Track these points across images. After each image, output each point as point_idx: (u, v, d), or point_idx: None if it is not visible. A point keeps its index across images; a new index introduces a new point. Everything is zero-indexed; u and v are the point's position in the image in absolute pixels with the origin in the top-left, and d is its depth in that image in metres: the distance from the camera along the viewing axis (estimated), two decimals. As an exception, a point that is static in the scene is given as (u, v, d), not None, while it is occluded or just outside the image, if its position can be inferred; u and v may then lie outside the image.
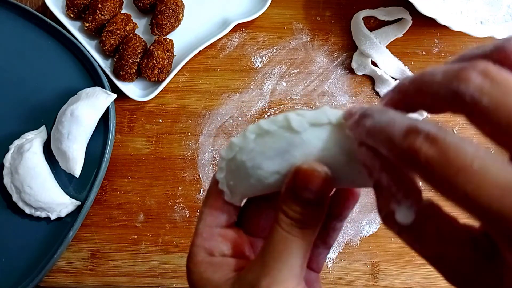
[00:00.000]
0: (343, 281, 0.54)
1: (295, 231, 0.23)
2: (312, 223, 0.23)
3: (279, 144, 0.23)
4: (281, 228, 0.23)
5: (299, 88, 0.60)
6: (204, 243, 0.26)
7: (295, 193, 0.22)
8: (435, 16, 0.54)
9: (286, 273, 0.22)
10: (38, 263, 0.52)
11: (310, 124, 0.23)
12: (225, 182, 0.26)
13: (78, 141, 0.53)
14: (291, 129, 0.23)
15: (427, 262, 0.19)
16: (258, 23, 0.62)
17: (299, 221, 0.23)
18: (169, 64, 0.57)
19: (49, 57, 0.59)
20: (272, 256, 0.23)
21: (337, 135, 0.23)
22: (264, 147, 0.24)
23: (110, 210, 0.56)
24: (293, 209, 0.23)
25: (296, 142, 0.23)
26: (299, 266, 0.23)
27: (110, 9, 0.58)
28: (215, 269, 0.25)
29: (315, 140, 0.23)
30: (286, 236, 0.23)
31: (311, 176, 0.22)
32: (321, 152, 0.23)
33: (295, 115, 0.23)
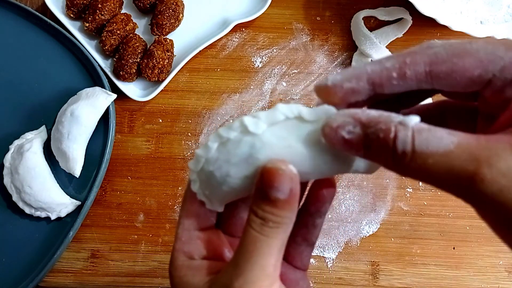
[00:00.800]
0: (343, 281, 0.54)
1: (266, 230, 0.23)
2: (282, 222, 0.23)
3: (242, 150, 0.24)
4: (251, 229, 0.23)
5: (299, 88, 0.60)
6: (183, 246, 0.26)
7: (264, 193, 0.23)
8: (435, 16, 0.54)
9: (258, 273, 0.22)
10: (38, 263, 0.52)
11: (267, 124, 0.23)
12: (201, 192, 0.26)
13: (78, 141, 0.53)
14: (249, 133, 0.23)
15: None
16: (258, 23, 0.62)
17: (269, 220, 0.23)
18: (169, 64, 0.57)
19: (49, 57, 0.59)
20: (243, 256, 0.23)
21: (297, 130, 0.23)
22: (228, 154, 0.24)
23: (110, 210, 0.56)
24: (262, 209, 0.23)
25: (257, 145, 0.23)
26: (272, 265, 0.23)
27: (110, 9, 0.58)
28: (194, 273, 0.25)
29: (275, 139, 0.23)
30: (256, 236, 0.23)
31: (276, 175, 0.22)
32: (283, 149, 0.23)
33: (250, 118, 0.23)
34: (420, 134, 0.19)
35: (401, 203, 0.56)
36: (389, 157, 0.20)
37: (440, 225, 0.55)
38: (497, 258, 0.54)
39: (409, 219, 0.55)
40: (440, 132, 0.19)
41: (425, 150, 0.19)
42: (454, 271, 0.54)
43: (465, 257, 0.54)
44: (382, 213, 0.55)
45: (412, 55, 0.22)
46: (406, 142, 0.19)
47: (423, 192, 0.56)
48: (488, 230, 0.60)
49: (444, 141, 0.19)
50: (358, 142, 0.21)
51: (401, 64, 0.22)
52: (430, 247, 0.54)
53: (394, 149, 0.19)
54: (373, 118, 0.20)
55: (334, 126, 0.21)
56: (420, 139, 0.19)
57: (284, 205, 0.23)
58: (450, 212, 0.55)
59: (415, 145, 0.19)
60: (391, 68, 0.22)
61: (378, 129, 0.20)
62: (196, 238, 0.27)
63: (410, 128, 0.19)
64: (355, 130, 0.21)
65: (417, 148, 0.19)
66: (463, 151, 0.18)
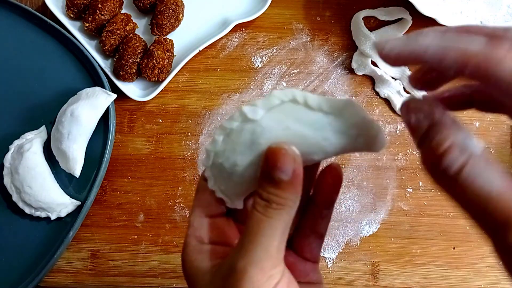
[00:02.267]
0: (343, 281, 0.54)
1: (269, 212, 0.23)
2: (286, 204, 0.23)
3: (244, 137, 0.25)
4: (256, 211, 0.24)
5: (299, 88, 0.60)
6: (195, 232, 0.27)
7: (268, 174, 0.23)
8: (435, 16, 0.54)
9: (261, 254, 0.23)
10: (38, 263, 0.52)
11: (265, 110, 0.24)
12: (218, 188, 0.27)
13: (78, 141, 0.53)
14: (249, 120, 0.24)
15: None
16: (258, 23, 0.62)
17: (272, 201, 0.23)
18: (169, 64, 0.57)
19: (49, 57, 0.59)
20: (248, 238, 0.23)
21: (293, 112, 0.24)
22: (233, 144, 0.25)
23: (110, 210, 0.56)
24: (266, 191, 0.23)
25: (257, 131, 0.24)
26: (275, 247, 0.23)
27: (110, 9, 0.58)
28: (204, 257, 0.26)
29: (273, 122, 0.24)
30: (260, 218, 0.23)
31: (279, 155, 0.23)
32: (282, 132, 0.24)
33: (248, 106, 0.24)
34: (476, 164, 0.19)
35: (401, 203, 0.56)
36: (430, 162, 0.21)
37: (440, 225, 0.55)
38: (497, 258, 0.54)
39: (409, 219, 0.55)
40: (495, 172, 0.19)
41: (470, 181, 0.19)
42: (454, 271, 0.54)
43: (465, 257, 0.54)
44: (382, 213, 0.55)
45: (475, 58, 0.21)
46: (453, 164, 0.20)
47: (423, 192, 0.56)
48: (488, 230, 0.59)
49: (494, 184, 0.19)
50: (418, 131, 0.21)
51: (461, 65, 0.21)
52: (430, 247, 0.54)
53: (439, 161, 0.20)
54: (443, 122, 0.21)
55: (411, 106, 0.22)
56: (472, 168, 0.19)
57: (287, 186, 0.23)
58: (450, 212, 0.55)
59: (464, 171, 0.19)
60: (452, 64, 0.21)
61: (437, 134, 0.20)
62: (207, 224, 0.27)
63: (467, 154, 0.20)
64: (423, 122, 0.21)
65: (464, 174, 0.19)
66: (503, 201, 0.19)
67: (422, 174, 0.56)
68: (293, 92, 0.24)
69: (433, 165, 0.20)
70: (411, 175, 0.57)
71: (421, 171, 0.57)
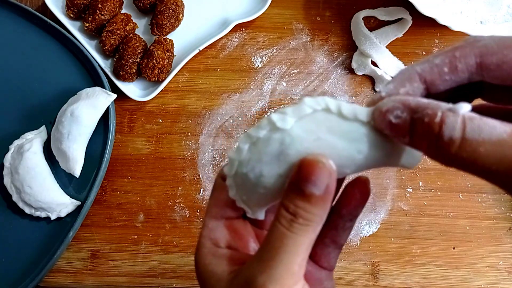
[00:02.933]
0: (343, 281, 0.54)
1: (295, 227, 0.22)
2: (313, 220, 0.22)
3: (272, 147, 0.23)
4: (280, 224, 0.22)
5: (299, 88, 0.60)
6: (210, 233, 0.26)
7: (298, 186, 0.22)
8: (435, 16, 0.54)
9: (282, 271, 0.22)
10: (38, 263, 0.52)
11: (295, 119, 0.23)
12: (239, 198, 0.26)
13: (78, 141, 0.53)
14: (278, 129, 0.23)
15: None
16: (258, 23, 0.62)
17: (300, 216, 0.22)
18: (169, 64, 0.57)
19: (49, 57, 0.59)
20: (269, 252, 0.23)
21: (325, 121, 0.23)
22: (259, 154, 0.24)
23: (110, 210, 0.56)
24: (294, 204, 0.22)
25: (287, 141, 0.23)
26: (297, 264, 0.22)
27: (110, 9, 0.58)
28: (218, 261, 0.25)
29: (304, 132, 0.23)
30: (284, 233, 0.22)
31: (315, 168, 0.22)
32: (313, 143, 0.23)
33: (277, 114, 0.23)
34: (472, 122, 0.19)
35: (401, 203, 0.56)
36: (433, 143, 0.20)
37: (440, 225, 0.55)
38: (497, 258, 0.54)
39: (409, 219, 0.55)
40: (492, 121, 0.19)
41: (477, 138, 0.18)
42: (454, 271, 0.54)
43: (465, 257, 0.54)
44: (382, 213, 0.55)
45: (461, 48, 0.22)
46: (454, 128, 0.19)
47: (423, 192, 0.56)
48: (488, 230, 0.60)
49: (498, 130, 0.18)
50: (404, 127, 0.21)
51: (451, 58, 0.22)
52: (430, 247, 0.54)
53: (440, 135, 0.19)
54: (421, 104, 0.20)
55: (383, 110, 0.21)
56: (472, 126, 0.19)
57: (318, 201, 0.22)
58: (450, 212, 0.55)
59: (466, 132, 0.19)
60: (441, 63, 0.22)
61: (424, 114, 0.20)
62: (223, 226, 0.27)
63: (461, 115, 0.19)
64: (403, 115, 0.21)
65: (468, 135, 0.19)
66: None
67: (422, 174, 0.56)
68: (325, 100, 0.23)
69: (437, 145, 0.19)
70: (411, 175, 0.57)
71: (421, 171, 0.57)
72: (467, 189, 0.56)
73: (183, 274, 0.54)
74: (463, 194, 0.56)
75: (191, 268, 0.54)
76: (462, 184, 0.56)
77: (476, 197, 0.56)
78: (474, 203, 0.55)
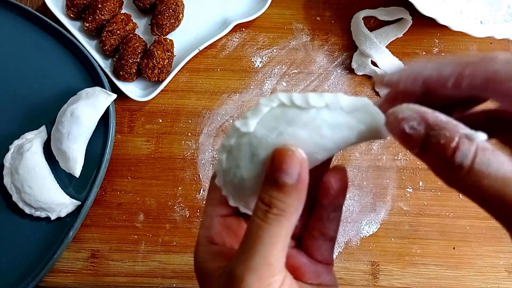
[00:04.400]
0: (343, 281, 0.54)
1: (269, 218, 0.23)
2: (287, 210, 0.23)
3: (244, 152, 0.24)
4: (256, 216, 0.23)
5: (299, 88, 0.60)
6: (206, 232, 0.27)
7: (272, 177, 0.23)
8: (435, 16, 0.54)
9: (259, 262, 0.22)
10: (38, 263, 0.52)
11: (256, 120, 0.24)
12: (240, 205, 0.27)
13: (78, 141, 0.53)
14: (244, 134, 0.24)
15: None
16: (258, 23, 0.62)
17: (273, 206, 0.23)
18: (169, 64, 0.57)
19: (49, 57, 0.59)
20: (247, 244, 0.23)
21: (283, 115, 0.24)
22: (236, 160, 0.25)
23: (110, 210, 0.56)
24: (269, 194, 0.23)
25: (254, 142, 0.24)
26: (274, 255, 0.23)
27: (110, 9, 0.58)
28: (213, 258, 0.26)
29: (267, 131, 0.24)
30: (260, 224, 0.23)
31: (285, 156, 0.23)
32: (278, 139, 0.24)
33: (239, 121, 0.24)
34: (484, 153, 0.19)
35: (401, 203, 0.56)
36: (443, 165, 0.20)
37: (440, 225, 0.55)
38: (497, 258, 0.54)
39: (409, 219, 0.55)
40: (503, 157, 0.19)
41: (484, 170, 0.19)
42: (454, 271, 0.54)
43: (465, 257, 0.54)
44: (382, 213, 0.55)
45: (472, 66, 0.22)
46: (466, 156, 0.19)
47: (423, 192, 0.56)
48: (488, 230, 0.60)
49: (505, 167, 0.19)
50: (417, 140, 0.21)
51: (459, 75, 0.22)
52: (430, 247, 0.54)
53: (452, 159, 0.20)
54: (440, 122, 0.20)
55: (399, 117, 0.21)
56: (482, 157, 0.19)
57: (291, 190, 0.23)
58: (450, 212, 0.55)
59: (476, 162, 0.19)
60: (449, 76, 0.22)
61: (441, 134, 0.20)
62: (218, 223, 0.27)
63: (475, 144, 0.19)
64: (418, 128, 0.21)
65: (476, 165, 0.19)
66: None
67: (422, 174, 0.56)
68: (277, 95, 0.24)
69: (446, 166, 0.20)
70: (411, 175, 0.57)
71: (421, 171, 0.57)
72: (467, 189, 0.56)
73: (183, 274, 0.54)
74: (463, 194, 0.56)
75: (191, 268, 0.54)
76: (462, 184, 0.56)
77: (476, 197, 0.56)
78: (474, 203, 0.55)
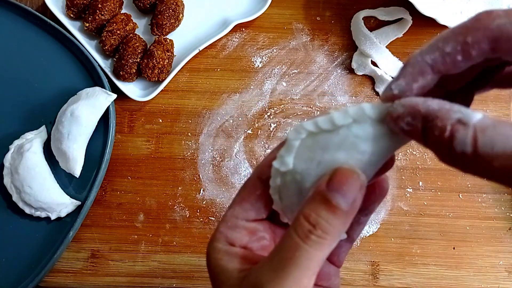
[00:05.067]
0: (343, 281, 0.54)
1: (311, 239, 0.21)
2: (332, 234, 0.21)
3: (292, 189, 0.24)
4: (295, 234, 0.21)
5: (299, 88, 0.60)
6: (227, 232, 0.26)
7: (325, 196, 0.21)
8: (435, 16, 0.54)
9: (291, 284, 0.21)
10: (38, 263, 0.52)
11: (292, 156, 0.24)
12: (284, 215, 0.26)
13: (78, 141, 0.53)
14: (285, 173, 0.24)
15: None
16: (258, 23, 0.62)
17: (319, 228, 0.21)
18: (169, 64, 0.57)
19: (49, 57, 0.59)
20: (280, 262, 0.22)
21: (315, 143, 0.23)
22: (288, 199, 0.25)
23: (110, 210, 0.56)
24: (317, 213, 0.21)
25: (298, 178, 0.24)
26: (307, 278, 0.21)
27: (110, 9, 0.58)
28: (231, 258, 0.25)
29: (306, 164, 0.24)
30: (298, 244, 0.21)
31: (349, 178, 0.21)
32: (319, 168, 0.23)
33: (276, 161, 0.24)
34: (484, 134, 0.17)
35: (401, 203, 0.56)
36: (447, 155, 0.19)
37: (440, 225, 0.55)
38: (497, 258, 0.54)
39: (409, 219, 0.55)
40: (506, 128, 0.17)
41: (490, 152, 0.17)
42: (454, 271, 0.54)
43: (465, 257, 0.54)
44: (382, 213, 0.55)
45: (472, 33, 0.20)
46: (465, 143, 0.18)
47: (423, 192, 0.56)
48: (488, 230, 0.60)
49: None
50: (417, 134, 0.20)
51: (463, 46, 0.20)
52: (430, 247, 0.54)
53: (452, 148, 0.18)
54: (432, 112, 0.19)
55: (394, 116, 0.21)
56: (483, 140, 0.17)
57: (341, 215, 0.21)
58: (450, 212, 0.55)
59: (478, 147, 0.17)
60: (454, 52, 0.21)
61: (434, 125, 0.19)
62: (242, 227, 0.26)
63: (472, 127, 0.18)
64: (414, 122, 0.20)
65: (480, 150, 0.17)
66: None
67: (422, 174, 0.56)
68: (303, 125, 0.23)
69: (450, 155, 0.19)
70: (411, 175, 0.57)
71: (421, 171, 0.57)
72: (467, 189, 0.56)
73: (183, 274, 0.54)
74: (463, 194, 0.56)
75: (191, 268, 0.54)
76: (462, 184, 0.56)
77: (476, 197, 0.56)
78: (474, 203, 0.55)
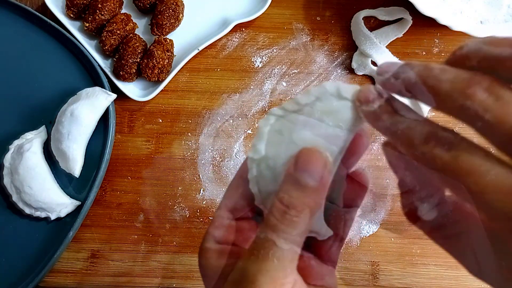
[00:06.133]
0: (343, 281, 0.54)
1: (287, 219, 0.22)
2: (306, 212, 0.23)
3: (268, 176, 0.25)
4: (272, 216, 0.23)
5: (299, 88, 0.60)
6: (214, 231, 0.27)
7: (295, 177, 0.22)
8: (435, 16, 0.54)
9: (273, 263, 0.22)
10: (38, 263, 0.52)
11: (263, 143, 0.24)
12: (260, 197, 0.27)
13: (78, 141, 0.53)
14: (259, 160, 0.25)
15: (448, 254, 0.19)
16: (258, 23, 0.62)
17: (293, 207, 0.22)
18: (169, 64, 0.57)
19: (49, 57, 0.59)
20: (261, 244, 0.23)
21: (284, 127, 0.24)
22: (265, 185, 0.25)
23: (110, 210, 0.56)
24: (289, 194, 0.22)
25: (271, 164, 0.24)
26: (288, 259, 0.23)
27: (110, 9, 0.58)
28: (220, 256, 0.26)
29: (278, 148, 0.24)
30: (275, 224, 0.23)
31: (312, 157, 0.22)
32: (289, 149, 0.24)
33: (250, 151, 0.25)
34: None
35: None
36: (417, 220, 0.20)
37: (440, 225, 0.55)
38: (497, 258, 0.54)
39: (409, 219, 0.55)
40: None
41: None
42: (454, 271, 0.54)
43: (465, 257, 0.54)
44: (382, 213, 0.55)
45: None
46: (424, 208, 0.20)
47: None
48: (488, 230, 0.59)
49: None
50: None
51: None
52: (430, 247, 0.54)
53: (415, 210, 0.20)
54: None
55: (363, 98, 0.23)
56: None
57: (312, 192, 0.22)
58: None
59: None
60: None
61: None
62: (228, 226, 0.27)
63: None
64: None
65: None
66: None
67: (422, 174, 0.56)
68: (271, 111, 0.24)
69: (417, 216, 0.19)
70: (411, 175, 0.56)
71: (421, 171, 0.57)
72: (467, 189, 0.56)
73: (183, 274, 0.54)
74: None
75: (191, 268, 0.54)
76: (462, 184, 0.56)
77: (476, 197, 0.56)
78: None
